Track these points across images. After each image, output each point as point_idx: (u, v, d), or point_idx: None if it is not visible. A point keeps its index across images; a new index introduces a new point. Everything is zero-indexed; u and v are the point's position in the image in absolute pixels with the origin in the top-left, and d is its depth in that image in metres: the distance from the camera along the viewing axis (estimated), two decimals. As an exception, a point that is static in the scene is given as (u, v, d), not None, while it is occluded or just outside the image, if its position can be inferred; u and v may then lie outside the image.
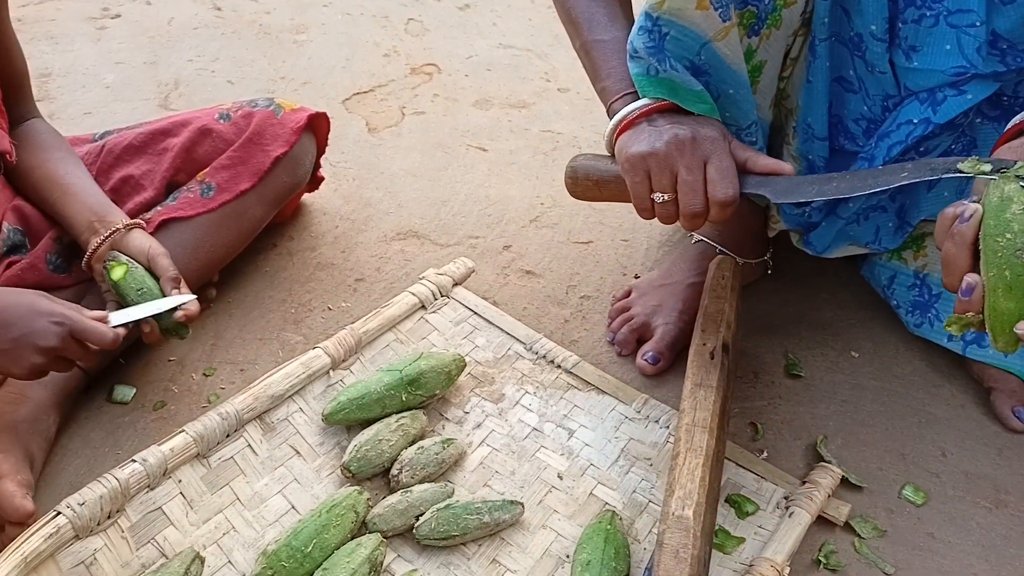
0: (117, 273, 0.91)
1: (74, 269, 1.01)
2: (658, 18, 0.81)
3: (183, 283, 0.93)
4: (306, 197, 1.32)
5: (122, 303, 0.92)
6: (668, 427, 0.94)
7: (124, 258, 0.93)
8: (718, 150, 0.80)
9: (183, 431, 0.81)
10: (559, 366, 1.01)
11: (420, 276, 1.10)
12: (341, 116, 1.53)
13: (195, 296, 0.93)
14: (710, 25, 0.83)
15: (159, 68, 1.65)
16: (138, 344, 1.02)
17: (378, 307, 1.07)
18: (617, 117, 0.84)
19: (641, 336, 1.07)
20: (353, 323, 1.04)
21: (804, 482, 0.88)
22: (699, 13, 0.82)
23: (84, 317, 0.83)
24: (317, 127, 1.15)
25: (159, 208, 1.03)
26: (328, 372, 0.95)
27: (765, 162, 0.81)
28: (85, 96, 1.56)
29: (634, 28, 0.83)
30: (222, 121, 1.08)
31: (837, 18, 0.90)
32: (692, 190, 0.79)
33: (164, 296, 0.92)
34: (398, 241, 1.26)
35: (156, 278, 0.93)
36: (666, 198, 0.80)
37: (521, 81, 1.67)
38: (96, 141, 1.10)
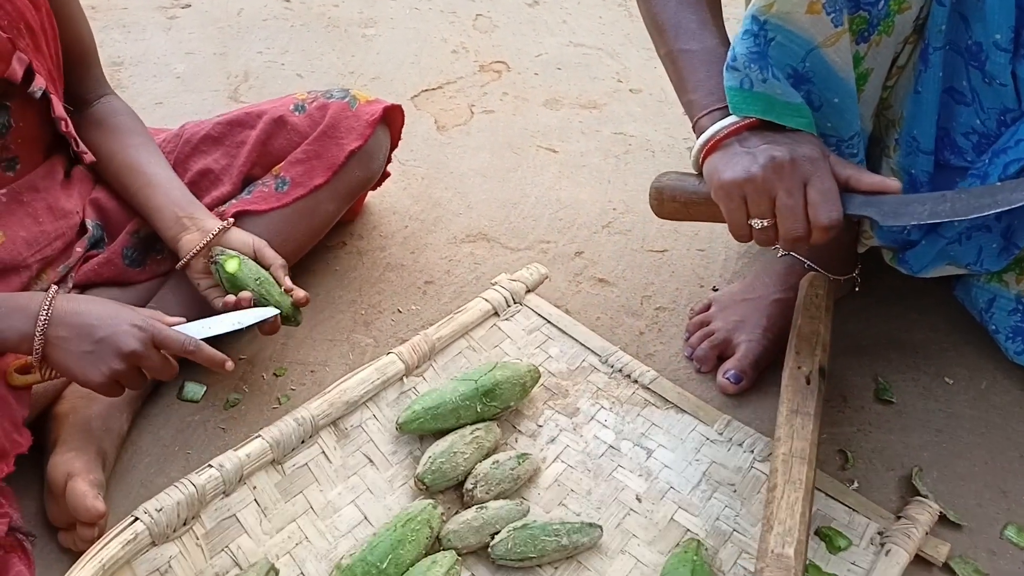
0: (232, 266, 0.91)
1: (148, 263, 1.00)
2: (765, 22, 0.76)
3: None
4: (375, 195, 1.30)
5: (235, 293, 0.92)
6: (752, 451, 0.90)
7: (232, 251, 0.93)
8: (818, 170, 0.76)
9: (259, 436, 0.80)
10: (636, 381, 0.98)
11: (492, 281, 1.07)
12: (410, 113, 1.50)
13: (277, 312, 0.92)
14: (819, 30, 0.78)
15: (229, 59, 1.65)
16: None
17: (448, 311, 1.05)
18: (705, 136, 0.79)
19: (722, 353, 1.03)
20: (425, 327, 1.02)
21: (899, 517, 0.83)
22: (808, 17, 0.77)
23: (164, 325, 0.82)
24: (392, 120, 1.12)
25: (234, 201, 1.02)
26: (402, 379, 0.93)
27: (870, 180, 0.76)
28: (156, 86, 1.56)
29: (737, 34, 0.78)
30: (297, 113, 1.06)
31: (954, 25, 0.84)
32: (793, 214, 0.74)
33: (278, 283, 0.93)
34: (468, 243, 1.23)
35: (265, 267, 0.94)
36: (765, 224, 0.76)
37: (592, 81, 1.63)
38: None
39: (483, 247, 1.23)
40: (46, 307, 0.78)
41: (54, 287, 0.81)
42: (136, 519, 0.69)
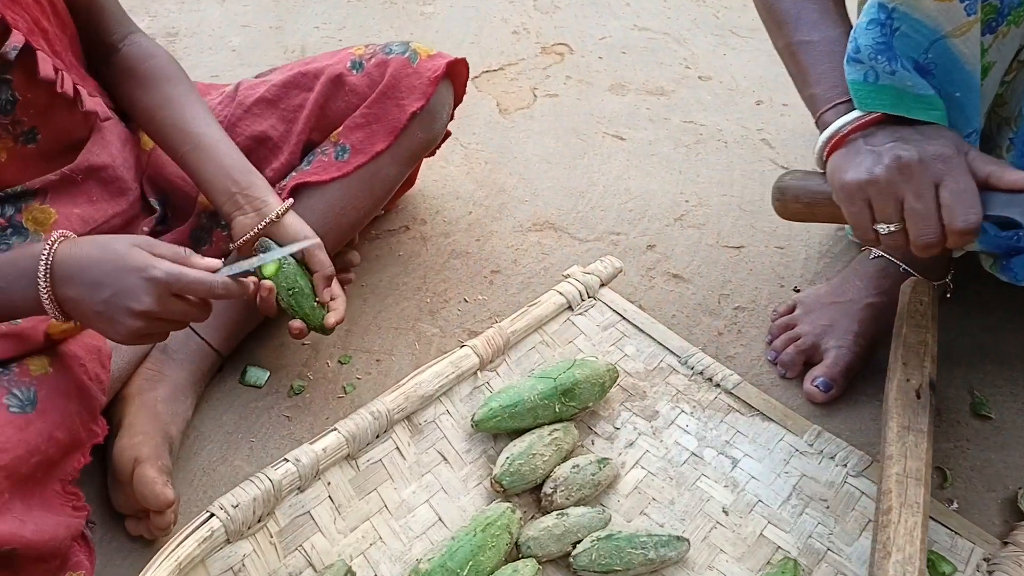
0: (269, 270, 0.84)
1: (213, 239, 0.96)
2: (893, 9, 0.70)
3: (336, 282, 0.87)
4: (437, 179, 1.26)
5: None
6: (845, 465, 0.85)
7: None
8: (952, 169, 0.69)
9: (335, 430, 0.76)
10: (718, 385, 0.93)
11: (564, 273, 1.02)
12: (471, 95, 1.45)
13: (338, 319, 0.86)
14: (949, 19, 0.72)
15: (285, 33, 1.60)
16: (269, 325, 0.98)
17: (516, 303, 1.01)
18: (828, 132, 0.73)
19: (809, 358, 0.97)
20: (492, 319, 0.98)
21: (1006, 543, 0.78)
22: (937, 5, 0.71)
23: (186, 268, 0.69)
24: (455, 75, 1.03)
25: (294, 173, 0.97)
26: (475, 373, 0.88)
27: (1013, 177, 0.69)
28: (212, 58, 1.52)
29: (860, 23, 0.72)
30: (355, 71, 0.98)
31: (1088, 18, 0.78)
32: (923, 219, 0.68)
33: (315, 295, 0.85)
34: (534, 232, 1.18)
35: (309, 272, 0.86)
36: (892, 228, 0.70)
37: (659, 66, 1.56)
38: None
39: (550, 237, 1.18)
40: (44, 266, 0.65)
41: (53, 236, 0.68)
42: (211, 515, 0.66)
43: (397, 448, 0.80)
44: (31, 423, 0.66)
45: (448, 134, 1.10)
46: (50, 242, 0.67)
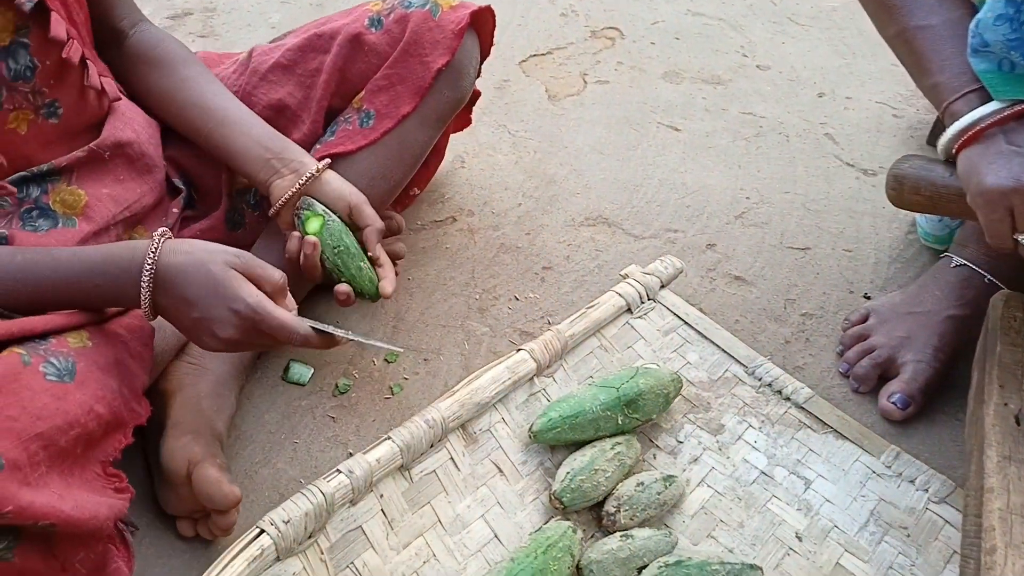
0: (313, 226, 0.79)
1: (247, 221, 0.92)
2: (1022, 2, 0.63)
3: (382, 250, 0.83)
4: (485, 167, 1.20)
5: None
6: (927, 490, 0.79)
7: (319, 207, 0.81)
8: None
9: (388, 439, 0.71)
10: (788, 399, 0.87)
11: (623, 273, 0.97)
12: (519, 80, 1.40)
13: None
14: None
15: (326, 9, 1.55)
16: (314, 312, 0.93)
17: (570, 302, 0.96)
18: (962, 124, 0.67)
19: (884, 372, 0.92)
20: (545, 318, 0.93)
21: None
22: None
23: (271, 309, 0.66)
24: (481, 26, 0.94)
25: (318, 147, 0.91)
26: (532, 379, 0.83)
27: None
28: (251, 35, 1.47)
29: (983, 19, 0.66)
30: (374, 29, 0.91)
31: None
32: None
33: (363, 254, 0.81)
34: (587, 227, 1.13)
35: (353, 229, 0.82)
36: None
37: (714, 54, 1.50)
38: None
39: (604, 232, 1.12)
40: (148, 275, 0.65)
41: (157, 236, 0.67)
42: (261, 531, 0.62)
43: (451, 458, 0.76)
44: (69, 393, 0.61)
45: (477, 94, 1.02)
46: (155, 245, 0.65)
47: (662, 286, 0.97)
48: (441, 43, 0.89)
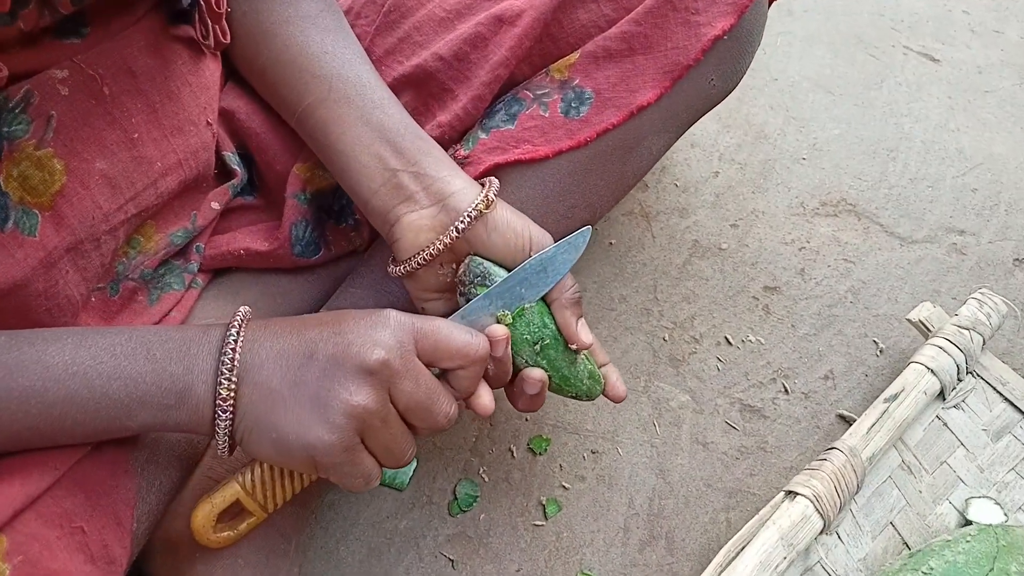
0: (509, 319, 0.45)
1: (327, 241, 0.54)
2: None
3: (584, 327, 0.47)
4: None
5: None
6: None
7: (500, 270, 0.45)
8: None
9: None
10: None
11: (915, 320, 0.59)
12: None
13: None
14: None
15: None
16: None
17: (815, 353, 0.59)
18: None
19: None
20: (785, 381, 0.55)
21: None
22: None
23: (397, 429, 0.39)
24: None
25: (482, 136, 0.52)
26: (814, 538, 0.48)
27: None
28: None
29: None
30: None
31: None
32: None
33: (567, 347, 0.47)
34: (825, 216, 0.74)
35: (547, 303, 0.47)
36: None
37: (973, -58, 1.03)
38: None
39: (851, 226, 0.73)
40: (228, 391, 0.39)
41: (235, 330, 0.40)
42: None
43: None
44: None
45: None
46: (231, 343, 0.40)
47: (982, 344, 0.59)
48: None
